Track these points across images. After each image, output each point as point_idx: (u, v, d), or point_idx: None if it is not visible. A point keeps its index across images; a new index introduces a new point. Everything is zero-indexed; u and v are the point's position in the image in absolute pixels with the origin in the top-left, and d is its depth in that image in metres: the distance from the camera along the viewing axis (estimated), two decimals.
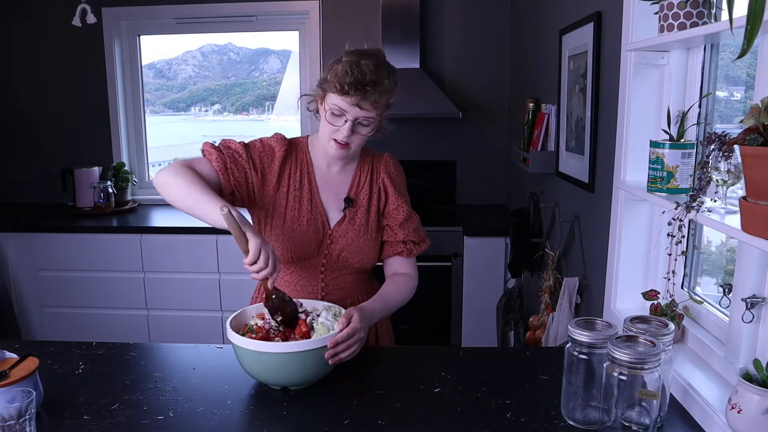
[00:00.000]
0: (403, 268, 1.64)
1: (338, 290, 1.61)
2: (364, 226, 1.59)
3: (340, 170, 1.61)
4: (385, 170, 1.63)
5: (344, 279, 1.61)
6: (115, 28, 3.74)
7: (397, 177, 1.66)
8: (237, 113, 4.24)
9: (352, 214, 1.58)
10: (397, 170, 1.66)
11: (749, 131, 0.97)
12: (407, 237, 1.62)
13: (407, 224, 1.62)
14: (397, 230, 1.61)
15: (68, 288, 3.36)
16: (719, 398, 1.19)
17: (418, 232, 1.65)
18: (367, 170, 1.62)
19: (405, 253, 1.63)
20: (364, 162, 1.63)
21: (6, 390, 1.13)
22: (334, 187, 1.60)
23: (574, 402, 1.18)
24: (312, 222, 1.56)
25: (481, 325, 3.23)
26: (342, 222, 1.58)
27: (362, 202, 1.60)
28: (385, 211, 1.62)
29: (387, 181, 1.62)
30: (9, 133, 3.86)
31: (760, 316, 1.21)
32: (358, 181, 1.61)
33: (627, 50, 1.59)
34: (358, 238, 1.57)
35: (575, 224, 2.19)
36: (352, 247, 1.57)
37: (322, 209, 1.58)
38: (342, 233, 1.57)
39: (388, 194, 1.62)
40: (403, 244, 1.62)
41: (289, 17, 3.75)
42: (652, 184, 1.40)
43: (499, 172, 3.79)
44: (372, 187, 1.62)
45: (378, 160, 1.65)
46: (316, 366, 1.31)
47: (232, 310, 1.46)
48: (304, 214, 1.56)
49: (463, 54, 3.69)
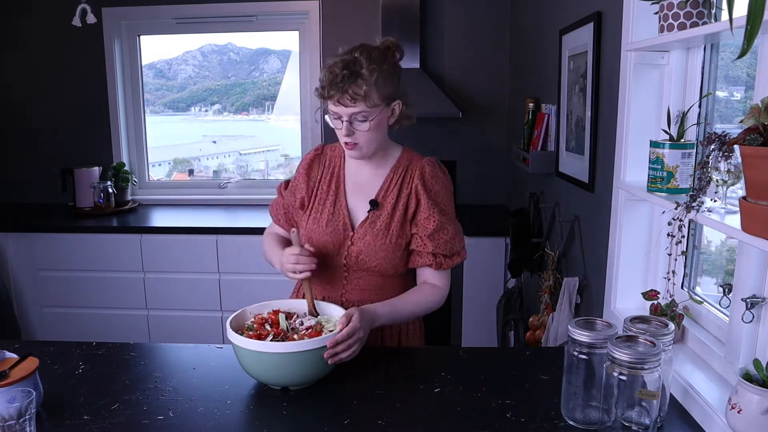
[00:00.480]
0: (432, 279, 1.60)
1: (359, 291, 1.59)
2: (383, 231, 1.55)
3: (372, 172, 1.60)
4: (420, 175, 1.57)
5: (367, 281, 1.59)
6: (115, 28, 3.74)
7: (435, 184, 1.58)
8: (237, 113, 4.24)
9: (374, 217, 1.57)
10: (434, 177, 1.59)
11: (749, 131, 0.97)
12: (436, 249, 1.55)
13: (437, 236, 1.55)
14: (425, 241, 1.55)
15: (68, 288, 3.36)
16: (719, 398, 1.19)
17: (451, 244, 1.57)
18: (400, 173, 1.59)
19: (434, 266, 1.57)
20: (399, 165, 1.61)
21: (6, 390, 1.13)
22: (364, 189, 1.60)
23: (574, 402, 1.18)
24: (332, 223, 1.57)
25: (481, 325, 3.23)
26: (364, 224, 1.57)
27: (387, 206, 1.57)
28: (416, 219, 1.57)
29: (420, 187, 1.56)
30: (9, 133, 3.86)
31: (760, 316, 1.21)
32: (388, 183, 1.59)
33: (627, 50, 1.59)
34: (376, 241, 1.55)
35: (575, 224, 2.19)
36: (369, 250, 1.55)
37: (346, 210, 1.58)
38: (361, 235, 1.56)
39: (420, 201, 1.56)
40: (433, 257, 1.56)
41: (289, 17, 3.75)
42: (652, 184, 1.40)
43: (499, 172, 3.79)
44: (401, 191, 1.58)
45: (416, 163, 1.60)
46: (315, 366, 1.31)
47: (232, 310, 1.47)
48: (326, 215, 1.58)
49: (463, 54, 3.69)
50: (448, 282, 1.63)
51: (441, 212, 1.57)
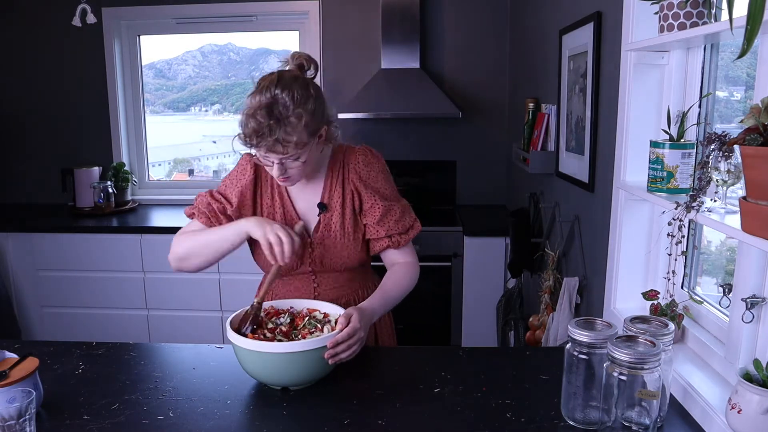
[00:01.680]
0: (401, 257, 1.62)
1: (331, 290, 1.61)
2: (340, 230, 1.56)
3: (311, 178, 1.59)
4: (354, 167, 1.57)
5: (335, 279, 1.61)
6: (115, 28, 3.74)
7: (369, 172, 1.58)
8: (237, 113, 4.22)
9: (327, 219, 1.57)
10: (368, 165, 1.58)
11: (749, 131, 0.97)
12: (390, 231, 1.57)
13: (386, 219, 1.57)
14: (377, 228, 1.57)
15: (68, 288, 3.36)
16: (719, 398, 1.19)
17: (402, 221, 1.59)
18: (338, 171, 1.59)
19: (393, 245, 1.59)
20: (334, 162, 1.59)
21: (6, 390, 1.13)
22: (309, 195, 1.59)
23: (574, 402, 1.18)
24: None
25: (481, 325, 3.23)
26: (318, 228, 1.57)
27: (336, 206, 1.57)
28: (362, 209, 1.59)
29: (357, 180, 1.57)
30: (9, 133, 3.86)
31: (760, 316, 1.21)
32: (330, 184, 1.58)
33: (627, 50, 1.59)
34: (335, 241, 1.56)
35: (575, 224, 2.19)
36: (332, 251, 1.56)
37: (297, 219, 1.57)
38: (320, 239, 1.56)
39: (360, 194, 1.57)
40: (389, 239, 1.58)
41: (289, 17, 3.75)
42: (652, 184, 1.40)
43: (499, 172, 3.79)
44: (344, 187, 1.58)
45: (349, 157, 1.59)
46: (316, 366, 1.31)
47: (232, 310, 1.46)
48: None
49: (463, 54, 3.69)
50: (415, 254, 1.65)
51: (383, 197, 1.58)
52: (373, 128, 3.68)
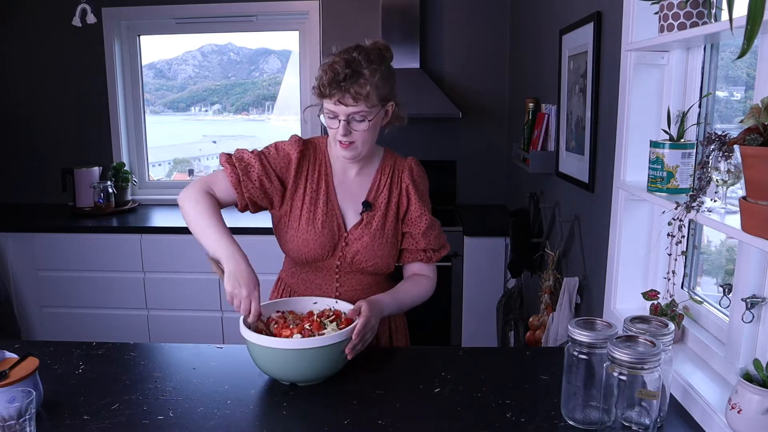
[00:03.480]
0: (423, 271, 1.65)
1: (352, 291, 1.60)
2: (380, 231, 1.57)
3: (359, 173, 1.61)
4: (409, 175, 1.61)
5: (359, 281, 1.61)
6: (115, 28, 3.74)
7: (421, 183, 1.64)
8: (237, 113, 4.24)
9: (369, 218, 1.57)
10: (420, 176, 1.64)
11: (749, 131, 0.97)
12: (428, 246, 1.61)
13: (429, 233, 1.60)
14: (419, 239, 1.60)
15: (68, 288, 3.36)
16: (719, 398, 1.19)
17: (439, 239, 1.63)
18: (387, 174, 1.61)
19: (425, 260, 1.63)
20: (385, 165, 1.62)
21: (6, 390, 1.13)
22: (352, 190, 1.60)
23: (574, 402, 1.18)
24: (327, 224, 1.55)
25: (481, 325, 3.23)
26: (359, 225, 1.57)
27: (380, 206, 1.58)
28: (407, 217, 1.60)
29: (411, 187, 1.60)
30: (9, 133, 3.86)
31: (760, 316, 1.21)
32: (378, 184, 1.60)
33: (627, 50, 1.59)
34: (373, 242, 1.56)
35: (575, 224, 2.19)
36: (366, 251, 1.56)
37: (338, 211, 1.57)
38: (358, 236, 1.56)
39: (410, 200, 1.60)
40: (423, 252, 1.62)
41: (289, 17, 3.75)
42: (652, 184, 1.40)
43: (499, 172, 3.79)
44: (392, 191, 1.60)
45: (401, 164, 1.63)
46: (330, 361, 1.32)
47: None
48: (320, 216, 1.55)
49: (463, 54, 3.69)
50: (436, 272, 1.68)
51: (429, 210, 1.63)
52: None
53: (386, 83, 1.47)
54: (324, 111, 1.48)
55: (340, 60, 1.43)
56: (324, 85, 1.43)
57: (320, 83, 1.44)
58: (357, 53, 1.44)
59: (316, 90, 1.46)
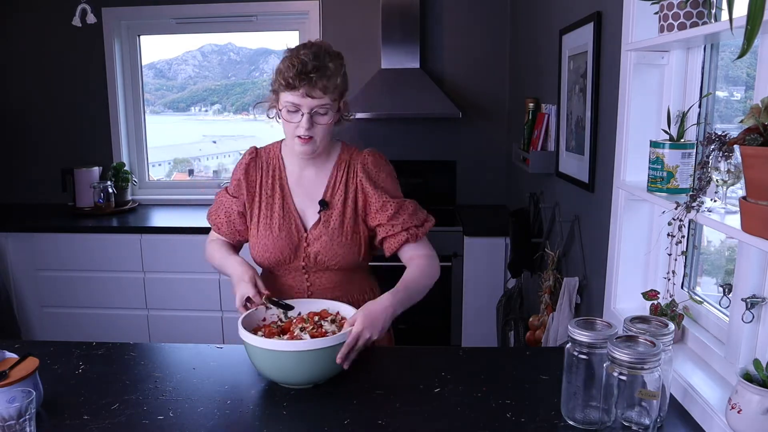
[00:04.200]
0: (418, 251, 1.61)
1: (324, 290, 1.60)
2: (338, 229, 1.57)
3: (316, 172, 1.60)
4: (362, 169, 1.59)
5: (329, 278, 1.60)
6: (115, 28, 3.74)
7: (378, 173, 1.60)
8: (237, 113, 4.24)
9: (326, 217, 1.58)
10: (376, 166, 1.61)
11: (749, 131, 0.97)
12: (406, 224, 1.58)
13: (400, 215, 1.58)
14: (392, 224, 1.58)
15: (68, 288, 3.36)
16: (719, 398, 1.19)
17: (417, 215, 1.60)
18: (343, 170, 1.60)
19: (411, 239, 1.59)
20: (340, 162, 1.61)
21: (6, 390, 1.13)
22: (309, 190, 1.60)
23: (574, 402, 1.18)
24: (285, 227, 1.57)
25: (481, 325, 3.23)
26: (317, 225, 1.58)
27: (337, 204, 1.58)
28: (369, 211, 1.59)
29: (365, 180, 1.58)
30: (9, 133, 3.86)
31: (760, 316, 1.20)
32: (334, 182, 1.60)
33: (627, 50, 1.59)
34: (332, 240, 1.56)
35: (575, 224, 2.19)
36: (327, 249, 1.56)
37: (295, 213, 1.58)
38: (317, 236, 1.57)
39: (367, 194, 1.59)
40: (406, 232, 1.58)
41: (289, 17, 3.75)
42: (652, 184, 1.40)
43: (499, 172, 3.79)
44: (348, 187, 1.59)
45: (356, 158, 1.61)
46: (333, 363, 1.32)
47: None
48: (276, 220, 1.57)
49: (463, 54, 3.69)
50: (432, 248, 1.65)
51: (392, 195, 1.60)
52: (373, 128, 3.67)
53: (345, 79, 1.52)
54: (283, 104, 1.48)
55: (307, 52, 1.44)
56: (292, 77, 1.43)
57: (286, 76, 1.44)
58: (317, 49, 1.47)
59: (282, 83, 1.46)
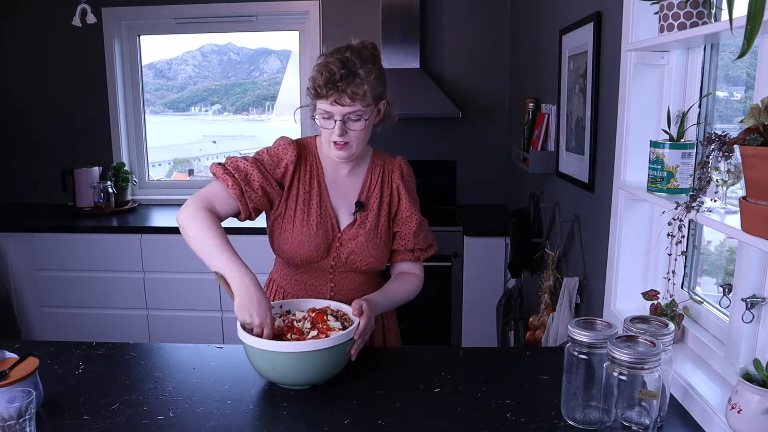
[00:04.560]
0: (411, 270, 1.67)
1: (347, 291, 1.60)
2: (374, 230, 1.58)
3: (350, 173, 1.61)
4: (399, 174, 1.63)
5: (353, 280, 1.61)
6: (115, 28, 3.74)
7: (411, 182, 1.66)
8: (237, 113, 4.24)
9: (362, 218, 1.58)
10: (410, 175, 1.66)
11: (749, 131, 0.97)
12: (417, 246, 1.63)
13: (419, 233, 1.63)
14: (409, 239, 1.62)
15: (68, 288, 3.36)
16: (719, 398, 1.19)
17: (427, 238, 1.66)
18: (378, 173, 1.62)
19: (413, 260, 1.65)
20: (375, 165, 1.63)
21: (6, 390, 1.13)
22: (344, 190, 1.60)
23: (574, 402, 1.18)
24: (321, 225, 1.55)
25: (481, 325, 3.23)
26: (352, 225, 1.57)
27: (373, 206, 1.59)
28: (398, 217, 1.62)
29: (402, 186, 1.62)
30: (9, 133, 3.86)
31: (760, 316, 1.21)
32: (369, 184, 1.61)
33: (627, 50, 1.59)
34: (368, 241, 1.57)
35: (575, 224, 2.19)
36: (361, 251, 1.57)
37: (332, 212, 1.58)
38: (352, 236, 1.57)
39: (401, 199, 1.62)
40: (412, 252, 1.64)
41: (289, 17, 3.75)
42: (652, 184, 1.40)
43: (499, 172, 3.79)
44: (383, 190, 1.61)
45: (390, 163, 1.64)
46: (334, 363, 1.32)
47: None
48: (314, 217, 1.55)
49: (463, 54, 3.69)
50: (423, 271, 1.70)
51: (418, 209, 1.64)
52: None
53: (380, 82, 1.48)
54: (318, 112, 1.48)
55: (335, 60, 1.43)
56: (320, 86, 1.43)
57: (315, 84, 1.44)
58: (350, 53, 1.44)
59: (312, 91, 1.46)
